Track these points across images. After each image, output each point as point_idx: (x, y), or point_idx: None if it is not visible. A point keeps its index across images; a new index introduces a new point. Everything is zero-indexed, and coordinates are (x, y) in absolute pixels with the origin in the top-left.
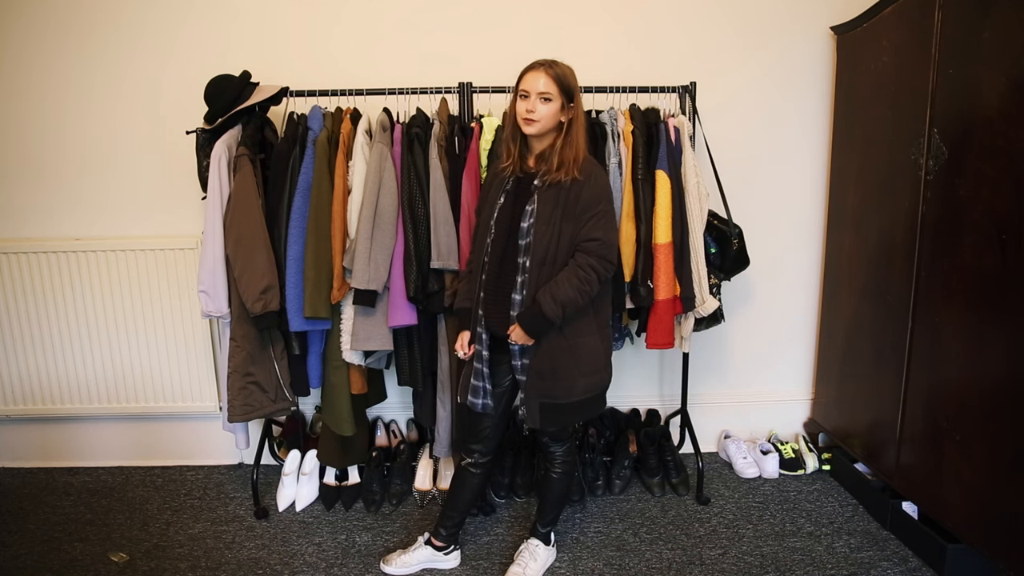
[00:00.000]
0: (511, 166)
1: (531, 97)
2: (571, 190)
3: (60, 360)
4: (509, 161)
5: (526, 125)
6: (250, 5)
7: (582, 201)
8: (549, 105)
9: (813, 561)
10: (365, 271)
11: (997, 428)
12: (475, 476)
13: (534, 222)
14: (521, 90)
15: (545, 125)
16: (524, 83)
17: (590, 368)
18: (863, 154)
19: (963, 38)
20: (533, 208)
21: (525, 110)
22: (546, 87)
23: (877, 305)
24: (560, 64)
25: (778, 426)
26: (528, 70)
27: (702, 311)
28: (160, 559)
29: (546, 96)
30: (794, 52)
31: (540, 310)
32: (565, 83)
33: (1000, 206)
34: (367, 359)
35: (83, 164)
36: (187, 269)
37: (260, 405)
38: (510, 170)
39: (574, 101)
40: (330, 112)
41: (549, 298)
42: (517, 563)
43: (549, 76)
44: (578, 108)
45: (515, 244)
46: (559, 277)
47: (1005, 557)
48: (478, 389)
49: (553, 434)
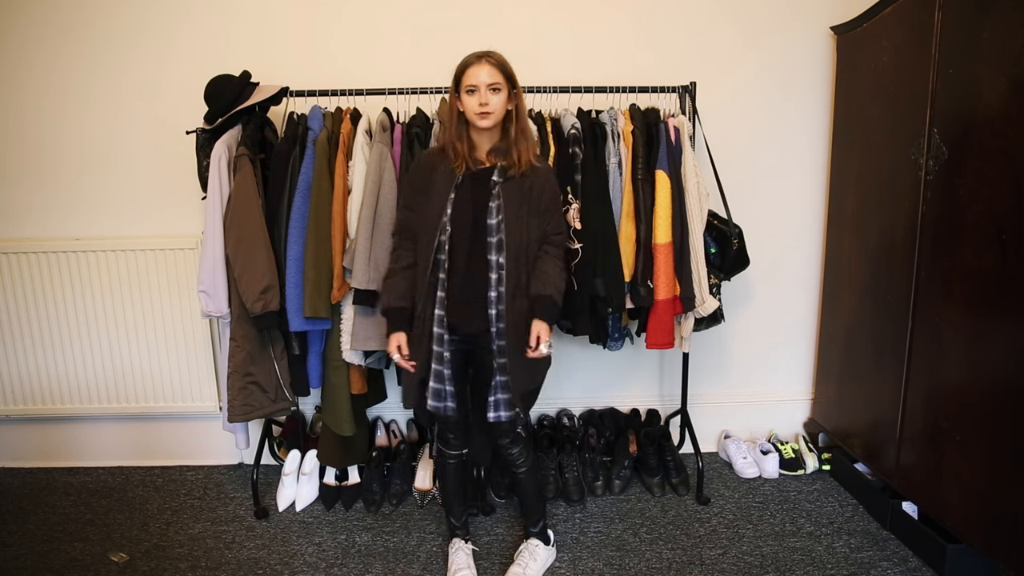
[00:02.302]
0: (461, 164)
1: (480, 90)
2: (528, 182)
3: (60, 360)
4: (460, 160)
5: (482, 119)
6: (250, 5)
7: (546, 196)
8: (499, 95)
9: (813, 561)
10: (365, 271)
11: (997, 428)
12: (457, 465)
13: (503, 218)
14: (467, 85)
15: (498, 116)
16: (468, 78)
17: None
18: (863, 154)
19: (963, 38)
20: (499, 204)
21: (479, 104)
22: (492, 77)
23: (877, 305)
24: (495, 52)
25: (778, 426)
26: (468, 64)
27: (702, 311)
28: (160, 559)
29: (495, 86)
30: (794, 52)
31: (555, 304)
32: (507, 70)
33: (1000, 206)
34: (367, 359)
35: (83, 164)
36: (187, 269)
37: (260, 405)
38: (461, 169)
39: (516, 87)
40: (330, 112)
41: (555, 291)
42: (517, 563)
43: (492, 65)
44: (520, 94)
45: (483, 242)
46: (547, 269)
47: (1005, 557)
48: (441, 392)
49: (513, 437)
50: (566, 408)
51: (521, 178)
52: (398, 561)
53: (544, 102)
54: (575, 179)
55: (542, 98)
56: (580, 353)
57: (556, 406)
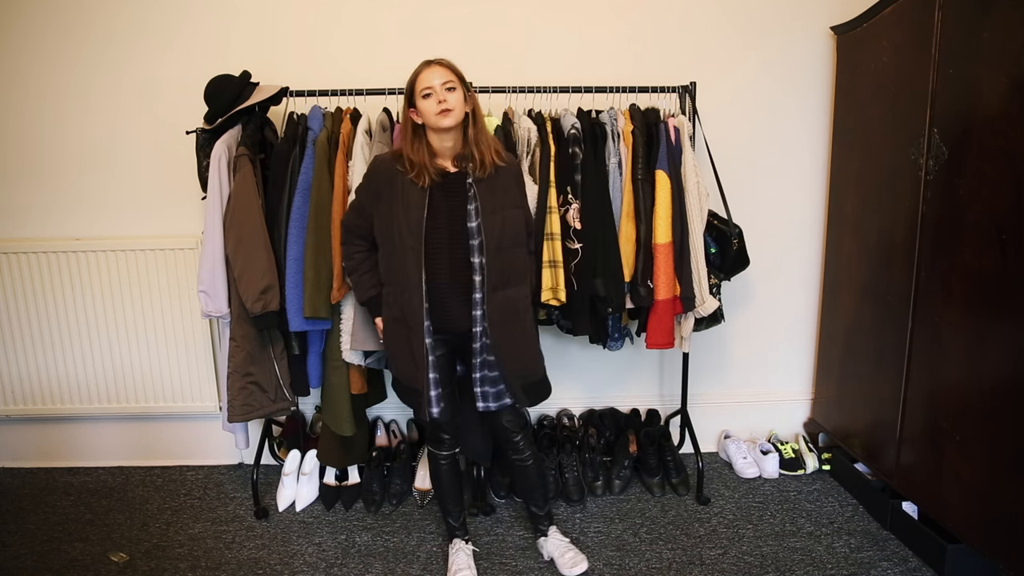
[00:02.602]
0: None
1: (436, 90)
2: (500, 177)
3: (60, 360)
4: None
5: (444, 117)
6: (250, 5)
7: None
8: (456, 93)
9: (813, 561)
10: None
11: (997, 428)
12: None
13: (481, 220)
14: (422, 90)
15: (459, 115)
16: (422, 82)
17: (539, 347)
18: (863, 154)
19: (963, 38)
20: (476, 206)
21: (437, 103)
22: (445, 76)
23: (877, 305)
24: (443, 58)
25: (778, 426)
26: (419, 72)
27: (702, 311)
28: (160, 559)
29: (450, 85)
30: (794, 52)
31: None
32: (458, 71)
33: (1000, 206)
34: (367, 359)
35: (83, 164)
36: (187, 269)
37: (260, 405)
38: (424, 181)
39: (469, 89)
40: (330, 112)
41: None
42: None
43: (444, 66)
44: (474, 96)
45: (464, 246)
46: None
47: (1005, 557)
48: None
49: (514, 423)
50: (566, 408)
51: (491, 179)
52: (398, 561)
53: (544, 102)
54: (575, 179)
55: (542, 98)
56: (580, 353)
57: (556, 406)
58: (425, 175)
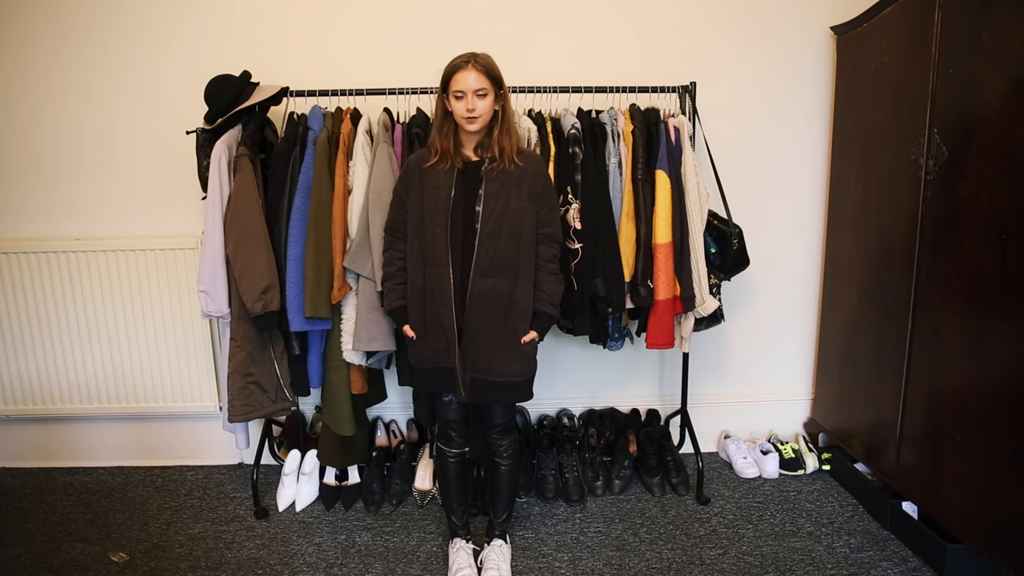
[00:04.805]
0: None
1: (467, 96)
2: (519, 170)
3: (60, 360)
4: (448, 162)
5: (469, 124)
6: (250, 5)
7: (539, 183)
8: (486, 100)
9: (813, 561)
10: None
11: (997, 428)
12: (458, 464)
13: (482, 204)
14: (455, 91)
15: (485, 120)
16: (456, 84)
17: (527, 354)
18: (863, 154)
19: (963, 38)
20: (482, 192)
21: (466, 110)
22: (479, 83)
23: (877, 305)
24: (482, 55)
25: (778, 426)
26: (455, 70)
27: (702, 311)
28: (160, 559)
29: (481, 92)
30: (794, 52)
31: (552, 317)
32: (493, 74)
33: (1000, 206)
34: (368, 359)
35: (83, 164)
36: (187, 269)
37: (260, 405)
38: (449, 165)
39: (503, 88)
40: (330, 112)
41: (549, 306)
42: (489, 567)
43: (479, 71)
44: (507, 94)
45: (472, 230)
46: (541, 285)
47: (1005, 557)
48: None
49: (502, 426)
50: (566, 408)
51: (504, 171)
52: (398, 561)
53: (544, 102)
54: (575, 179)
55: (542, 98)
56: (580, 353)
57: (556, 406)
58: (449, 160)
